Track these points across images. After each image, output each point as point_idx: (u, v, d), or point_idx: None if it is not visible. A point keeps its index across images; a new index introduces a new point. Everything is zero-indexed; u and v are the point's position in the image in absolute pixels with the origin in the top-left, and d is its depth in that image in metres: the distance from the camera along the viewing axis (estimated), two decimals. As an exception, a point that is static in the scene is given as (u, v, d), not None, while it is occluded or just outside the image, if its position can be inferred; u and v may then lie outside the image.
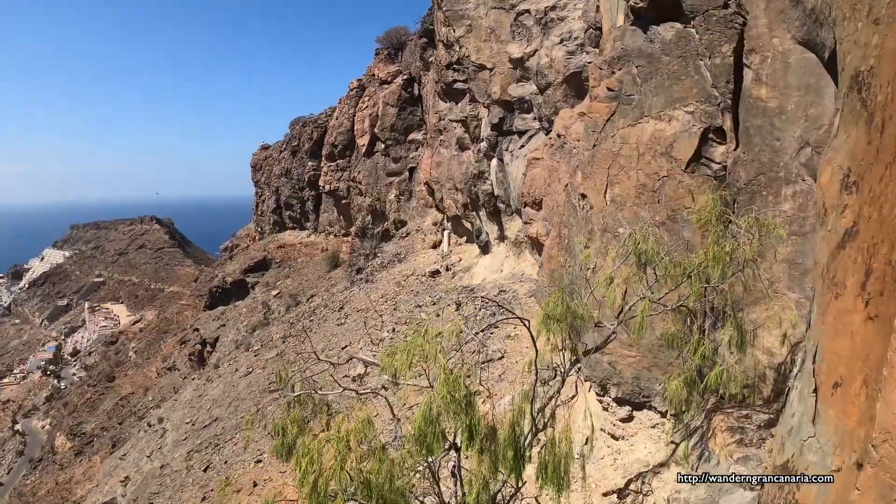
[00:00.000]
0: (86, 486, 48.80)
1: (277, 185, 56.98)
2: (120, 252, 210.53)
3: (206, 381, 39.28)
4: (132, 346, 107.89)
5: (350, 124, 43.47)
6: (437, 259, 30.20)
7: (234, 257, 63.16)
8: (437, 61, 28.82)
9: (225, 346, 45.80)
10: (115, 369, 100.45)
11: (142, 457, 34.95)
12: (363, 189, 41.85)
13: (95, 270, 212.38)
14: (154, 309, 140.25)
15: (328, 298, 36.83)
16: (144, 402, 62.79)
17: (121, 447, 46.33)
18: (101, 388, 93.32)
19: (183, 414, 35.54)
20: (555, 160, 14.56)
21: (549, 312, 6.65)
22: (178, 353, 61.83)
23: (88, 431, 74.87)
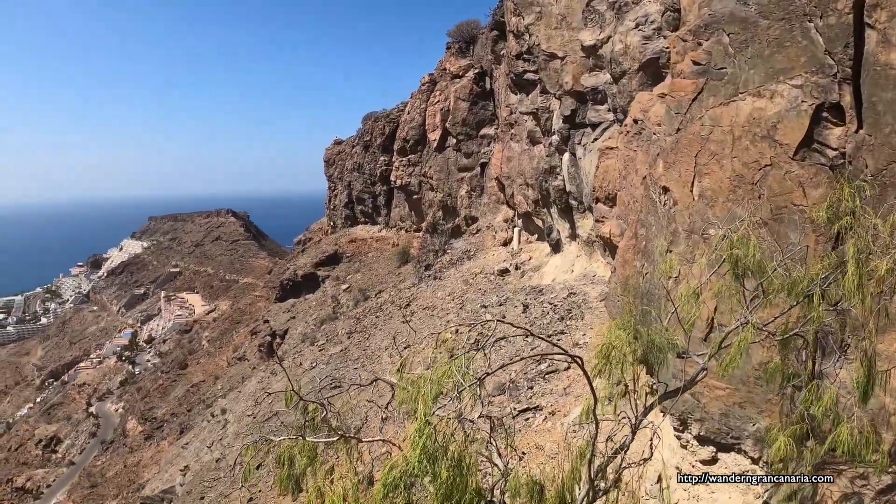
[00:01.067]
0: (152, 471, 49.60)
1: (350, 179, 56.69)
2: (196, 243, 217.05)
3: (270, 373, 39.12)
4: (205, 335, 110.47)
5: (421, 119, 42.56)
6: (507, 257, 28.89)
7: (306, 250, 63.33)
8: (507, 52, 27.52)
9: (293, 339, 45.69)
10: (188, 357, 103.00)
11: (203, 447, 35.01)
12: (434, 184, 40.89)
13: (172, 261, 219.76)
14: (228, 299, 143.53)
15: (395, 295, 36.03)
16: (213, 390, 63.70)
17: (187, 435, 46.85)
18: (173, 375, 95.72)
19: (245, 406, 35.43)
20: (631, 149, 13.00)
21: (614, 343, 5.20)
22: (248, 344, 62.39)
23: (159, 417, 76.66)
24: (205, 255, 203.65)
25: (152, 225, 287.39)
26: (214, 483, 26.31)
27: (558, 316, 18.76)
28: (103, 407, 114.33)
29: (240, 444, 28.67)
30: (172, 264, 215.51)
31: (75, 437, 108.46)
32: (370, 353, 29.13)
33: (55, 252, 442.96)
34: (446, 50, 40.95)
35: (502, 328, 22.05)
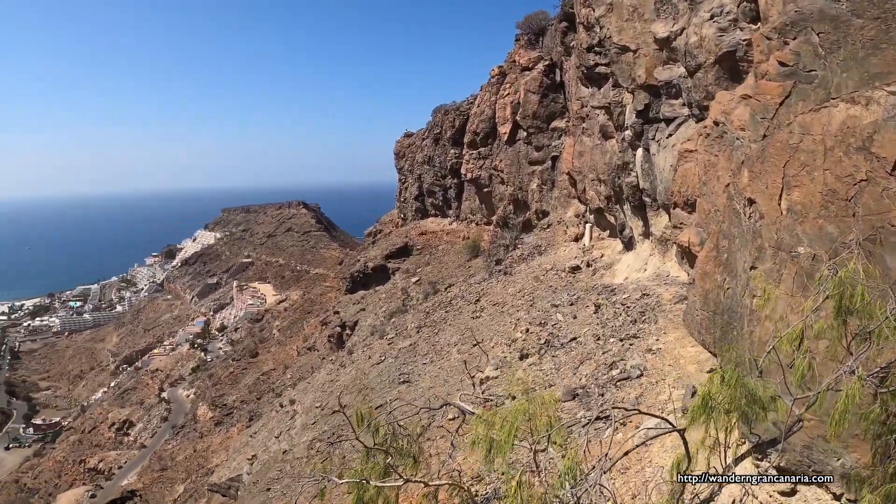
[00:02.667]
0: (220, 456, 50.79)
1: (420, 172, 56.81)
2: (268, 234, 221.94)
3: (339, 365, 39.48)
4: (276, 325, 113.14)
5: (491, 112, 42.20)
6: (578, 253, 28.37)
7: (376, 242, 63.82)
8: (577, 45, 26.90)
9: (362, 331, 46.06)
10: (259, 346, 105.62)
11: (271, 437, 35.56)
12: (505, 178, 40.54)
13: (244, 251, 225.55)
14: (299, 289, 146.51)
15: (465, 289, 35.86)
16: (283, 379, 64.80)
17: (255, 423, 47.71)
18: (244, 363, 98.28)
19: (314, 397, 35.81)
20: (712, 153, 12.44)
21: (712, 395, 4.87)
22: (318, 335, 63.23)
23: (229, 404, 78.76)
24: (276, 245, 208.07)
25: (225, 216, 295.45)
26: (280, 475, 26.70)
27: (631, 318, 18.25)
28: (175, 393, 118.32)
29: (308, 436, 29.02)
30: (245, 255, 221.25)
31: (147, 422, 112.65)
32: (439, 348, 29.02)
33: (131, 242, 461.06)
34: (515, 42, 40.45)
35: (571, 329, 21.65)
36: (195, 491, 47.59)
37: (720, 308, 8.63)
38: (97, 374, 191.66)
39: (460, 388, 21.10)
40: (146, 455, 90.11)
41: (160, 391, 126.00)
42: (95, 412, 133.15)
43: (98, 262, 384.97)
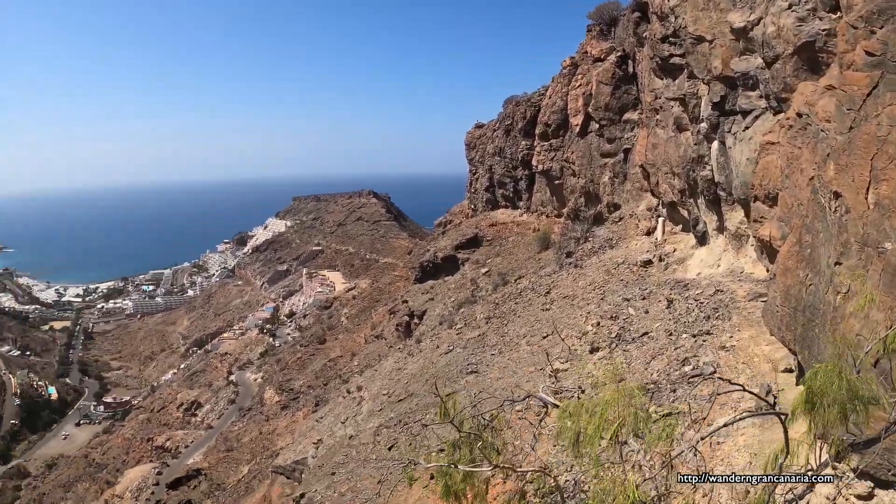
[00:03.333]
0: (286, 440, 51.74)
1: (491, 163, 56.79)
2: (338, 223, 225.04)
3: (407, 354, 39.79)
4: (344, 312, 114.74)
5: (563, 103, 41.80)
6: (650, 247, 27.94)
7: (446, 233, 64.08)
8: (650, 35, 26.37)
9: (431, 321, 46.34)
10: (327, 332, 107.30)
11: (337, 422, 36.04)
12: (576, 170, 40.16)
13: (314, 239, 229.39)
14: (368, 278, 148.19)
15: (535, 281, 35.72)
16: (350, 366, 65.65)
17: (321, 408, 48.38)
18: (311, 349, 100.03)
19: (381, 385, 36.17)
20: (795, 146, 12.08)
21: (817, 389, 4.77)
22: (386, 323, 63.92)
23: (296, 388, 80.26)
24: (346, 234, 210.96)
25: (296, 205, 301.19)
26: (346, 460, 27.05)
27: (704, 314, 17.92)
28: (243, 376, 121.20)
29: (374, 422, 29.34)
30: (315, 243, 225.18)
31: (215, 403, 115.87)
32: (508, 339, 28.97)
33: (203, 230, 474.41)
34: (587, 32, 39.90)
35: (643, 323, 21.40)
36: (259, 472, 48.74)
37: (802, 304, 8.40)
38: (167, 356, 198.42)
39: (529, 380, 21.13)
40: (212, 436, 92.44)
41: (228, 374, 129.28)
42: (165, 392, 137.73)
43: (171, 248, 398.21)
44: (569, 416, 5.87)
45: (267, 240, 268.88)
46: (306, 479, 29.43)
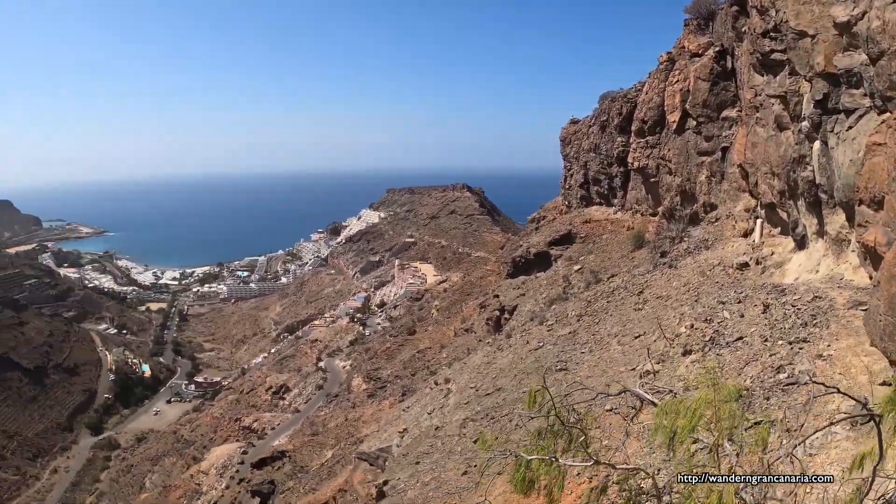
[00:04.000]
0: (371, 427, 52.75)
1: (585, 159, 56.36)
2: (431, 216, 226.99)
3: (497, 348, 40.09)
4: (435, 305, 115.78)
5: (660, 100, 41.04)
6: (747, 250, 27.28)
7: (539, 228, 63.99)
8: (750, 30, 25.66)
9: (521, 316, 46.52)
10: (417, 324, 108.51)
11: (423, 412, 36.63)
12: (672, 168, 39.44)
13: (408, 231, 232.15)
14: (459, 271, 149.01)
15: (628, 280, 35.45)
16: (438, 358, 66.39)
17: (408, 398, 49.15)
18: (401, 340, 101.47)
19: (469, 378, 36.55)
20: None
21: None
22: (476, 317, 64.37)
23: (383, 377, 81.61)
24: (439, 227, 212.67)
25: (390, 197, 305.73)
26: (431, 450, 27.51)
27: (801, 321, 17.51)
28: (332, 363, 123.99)
29: (460, 415, 29.78)
30: (408, 234, 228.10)
31: (303, 388, 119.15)
32: (599, 338, 28.93)
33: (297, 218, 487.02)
34: (684, 27, 38.99)
35: (737, 327, 21.14)
36: (343, 457, 49.97)
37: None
38: (259, 340, 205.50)
39: (619, 380, 21.13)
40: (299, 419, 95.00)
41: (318, 360, 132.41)
42: (254, 375, 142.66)
43: (266, 236, 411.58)
44: (665, 413, 5.97)
45: (360, 230, 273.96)
46: (390, 467, 30.09)
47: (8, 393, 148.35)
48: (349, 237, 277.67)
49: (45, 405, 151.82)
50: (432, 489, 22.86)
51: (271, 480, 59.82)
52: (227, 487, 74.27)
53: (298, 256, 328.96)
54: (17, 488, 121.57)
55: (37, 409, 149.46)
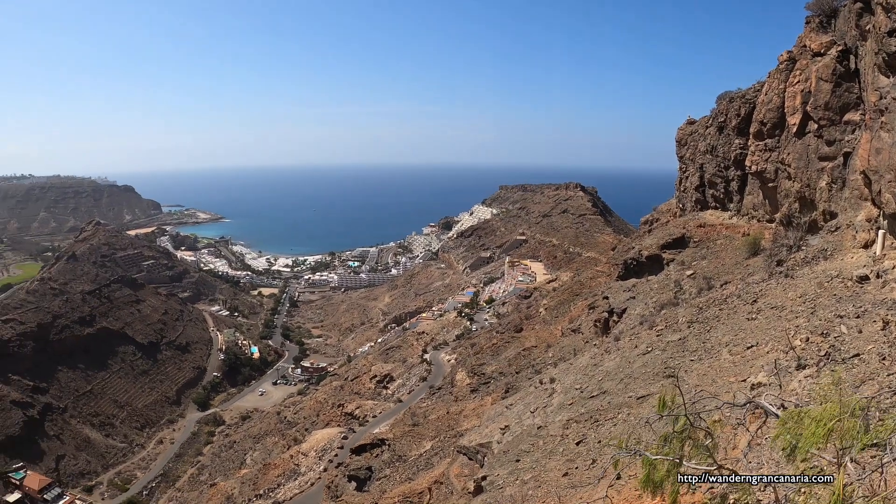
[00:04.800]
0: (471, 422, 53.19)
1: (702, 161, 54.82)
2: (544, 214, 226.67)
3: (604, 351, 39.77)
4: (543, 303, 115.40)
5: (779, 101, 39.29)
6: (868, 262, 25.91)
7: (652, 231, 62.96)
8: (875, 28, 24.27)
9: (630, 320, 45.96)
10: (524, 322, 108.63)
11: (526, 411, 36.70)
12: (791, 173, 37.78)
13: (519, 229, 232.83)
14: (569, 271, 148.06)
15: (742, 288, 34.39)
16: (544, 357, 66.21)
17: (511, 396, 49.30)
18: (507, 337, 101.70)
19: (574, 379, 36.41)
20: None
21: None
22: (584, 318, 63.83)
23: (487, 373, 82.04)
24: (551, 225, 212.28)
25: (502, 193, 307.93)
26: (532, 449, 27.60)
27: (929, 341, 16.74)
28: (437, 356, 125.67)
29: (563, 415, 29.76)
30: (519, 232, 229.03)
31: (406, 379, 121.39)
32: (709, 346, 28.33)
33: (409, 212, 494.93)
34: (805, 24, 37.06)
35: (855, 344, 20.54)
36: (441, 450, 50.67)
37: None
38: (366, 330, 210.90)
39: (729, 390, 20.81)
40: (400, 409, 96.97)
41: (423, 352, 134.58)
42: (360, 363, 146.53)
43: (377, 228, 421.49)
44: (790, 424, 5.99)
45: (472, 226, 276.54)
46: (489, 463, 30.38)
47: (122, 366, 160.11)
48: (460, 232, 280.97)
49: (155, 379, 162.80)
50: (531, 488, 23.05)
51: (369, 467, 61.47)
52: (324, 470, 76.97)
53: (409, 249, 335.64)
54: (123, 455, 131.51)
55: (148, 382, 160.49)
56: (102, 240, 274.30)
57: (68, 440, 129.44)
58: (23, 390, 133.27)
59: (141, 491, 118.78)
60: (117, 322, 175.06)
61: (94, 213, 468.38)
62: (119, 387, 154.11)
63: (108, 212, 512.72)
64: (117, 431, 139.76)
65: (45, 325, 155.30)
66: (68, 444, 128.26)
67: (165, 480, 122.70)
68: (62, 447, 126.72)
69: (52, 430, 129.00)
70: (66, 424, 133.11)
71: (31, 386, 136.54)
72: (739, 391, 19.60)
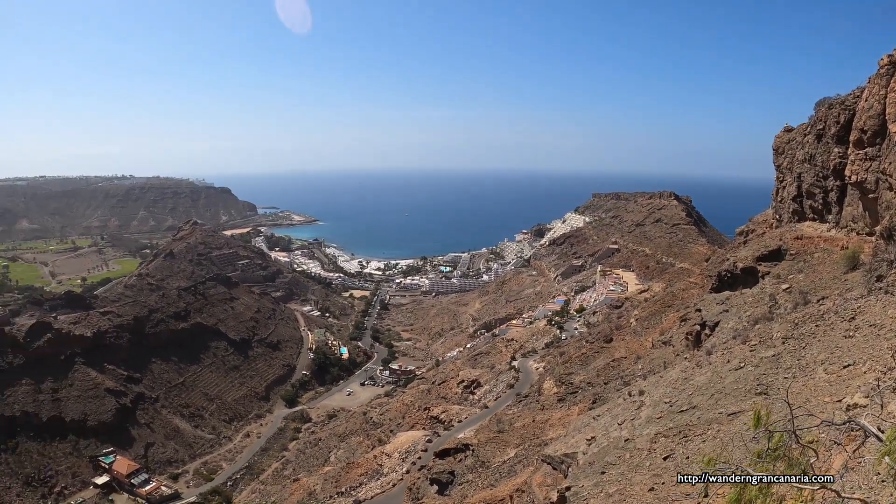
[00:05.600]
0: (556, 431, 52.73)
1: (799, 171, 52.94)
2: (637, 223, 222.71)
3: (695, 365, 38.90)
4: (634, 314, 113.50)
5: (881, 107, 37.48)
6: (974, 280, 24.77)
7: (747, 242, 61.28)
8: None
9: (723, 333, 44.79)
10: (614, 332, 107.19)
11: (613, 423, 36.20)
12: (893, 183, 36.00)
13: (612, 237, 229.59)
14: (662, 282, 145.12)
15: (840, 304, 33.07)
16: (633, 369, 65.12)
17: (598, 406, 48.66)
18: (596, 346, 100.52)
19: (664, 392, 35.75)
20: None
21: None
22: (675, 330, 62.53)
23: (575, 383, 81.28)
24: (644, 235, 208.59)
25: (595, 201, 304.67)
26: (618, 461, 27.33)
27: None
28: (525, 363, 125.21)
29: (651, 429, 29.30)
30: (612, 241, 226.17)
31: (494, 385, 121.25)
32: (804, 364, 27.37)
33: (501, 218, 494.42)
34: (909, 28, 35.52)
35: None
36: (525, 458, 50.42)
37: None
38: (455, 335, 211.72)
39: (823, 410, 20.24)
40: (486, 415, 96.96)
41: (511, 359, 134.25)
42: (448, 368, 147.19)
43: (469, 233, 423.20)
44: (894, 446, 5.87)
45: (564, 233, 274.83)
46: (573, 474, 30.15)
47: (213, 360, 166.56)
48: (553, 240, 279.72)
49: (246, 375, 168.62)
50: (616, 501, 22.88)
51: (451, 471, 61.84)
52: (407, 472, 77.82)
53: (501, 255, 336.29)
54: (210, 446, 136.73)
55: (238, 377, 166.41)
56: (199, 239, 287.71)
57: (158, 429, 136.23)
58: (117, 379, 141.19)
59: (225, 481, 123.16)
60: (211, 318, 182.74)
61: (191, 213, 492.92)
62: (210, 380, 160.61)
63: (205, 212, 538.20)
64: (206, 423, 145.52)
65: (141, 318, 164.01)
66: (158, 433, 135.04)
67: (250, 473, 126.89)
68: (152, 435, 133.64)
69: (143, 419, 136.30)
70: (156, 414, 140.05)
71: (125, 376, 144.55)
72: (835, 411, 19.09)
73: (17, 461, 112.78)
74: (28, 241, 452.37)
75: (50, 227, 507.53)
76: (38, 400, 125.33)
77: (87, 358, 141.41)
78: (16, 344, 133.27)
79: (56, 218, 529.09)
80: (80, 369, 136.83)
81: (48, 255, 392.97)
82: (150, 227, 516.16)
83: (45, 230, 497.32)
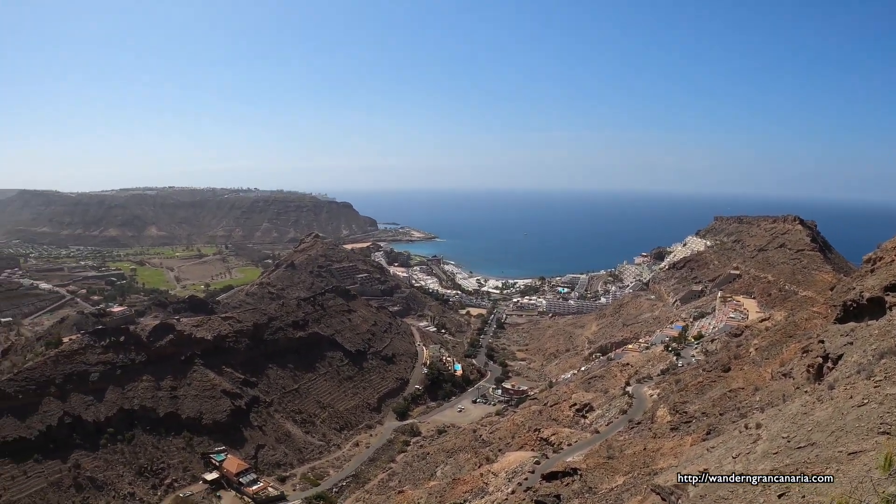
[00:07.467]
0: (668, 461, 51.26)
1: (935, 196, 50.01)
2: (759, 248, 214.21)
3: (816, 399, 37.34)
4: (754, 343, 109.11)
5: None
6: None
7: (875, 270, 57.96)
8: None
9: (847, 367, 42.74)
10: (733, 361, 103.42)
11: (727, 455, 35.19)
12: None
13: (733, 262, 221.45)
14: (783, 310, 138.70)
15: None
16: (750, 401, 62.75)
17: (713, 438, 47.18)
18: (713, 375, 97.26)
19: (782, 427, 34.54)
20: None
21: None
22: (796, 361, 60.12)
23: (690, 412, 78.86)
24: (766, 261, 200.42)
25: (717, 225, 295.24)
26: (730, 496, 26.63)
27: None
28: (639, 389, 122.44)
29: (766, 464, 28.36)
30: (733, 266, 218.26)
31: (606, 410, 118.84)
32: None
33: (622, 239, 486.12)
34: None
35: None
36: (633, 486, 49.30)
37: None
38: (570, 357, 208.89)
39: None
40: (597, 440, 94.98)
41: (626, 385, 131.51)
42: (560, 390, 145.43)
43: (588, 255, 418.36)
44: None
45: (685, 257, 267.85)
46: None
47: (328, 369, 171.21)
48: (672, 263, 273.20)
49: (359, 385, 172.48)
50: (724, 535, 22.41)
51: (557, 494, 61.18)
52: (512, 492, 77.29)
53: (620, 278, 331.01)
54: (319, 452, 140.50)
55: (351, 387, 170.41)
56: (320, 251, 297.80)
57: (270, 432, 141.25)
58: (233, 382, 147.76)
59: (331, 487, 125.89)
60: (328, 329, 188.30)
61: (313, 226, 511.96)
62: (323, 389, 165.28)
63: (326, 225, 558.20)
64: (317, 430, 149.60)
65: (260, 325, 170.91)
66: (269, 436, 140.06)
67: (356, 481, 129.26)
68: (263, 437, 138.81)
69: (256, 421, 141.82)
70: (269, 417, 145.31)
71: (242, 379, 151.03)
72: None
73: (132, 452, 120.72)
74: (156, 247, 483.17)
75: (177, 234, 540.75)
76: (157, 396, 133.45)
77: (207, 360, 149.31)
78: (139, 342, 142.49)
79: (183, 226, 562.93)
80: (198, 370, 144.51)
81: (174, 261, 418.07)
82: (273, 238, 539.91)
83: (172, 237, 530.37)
